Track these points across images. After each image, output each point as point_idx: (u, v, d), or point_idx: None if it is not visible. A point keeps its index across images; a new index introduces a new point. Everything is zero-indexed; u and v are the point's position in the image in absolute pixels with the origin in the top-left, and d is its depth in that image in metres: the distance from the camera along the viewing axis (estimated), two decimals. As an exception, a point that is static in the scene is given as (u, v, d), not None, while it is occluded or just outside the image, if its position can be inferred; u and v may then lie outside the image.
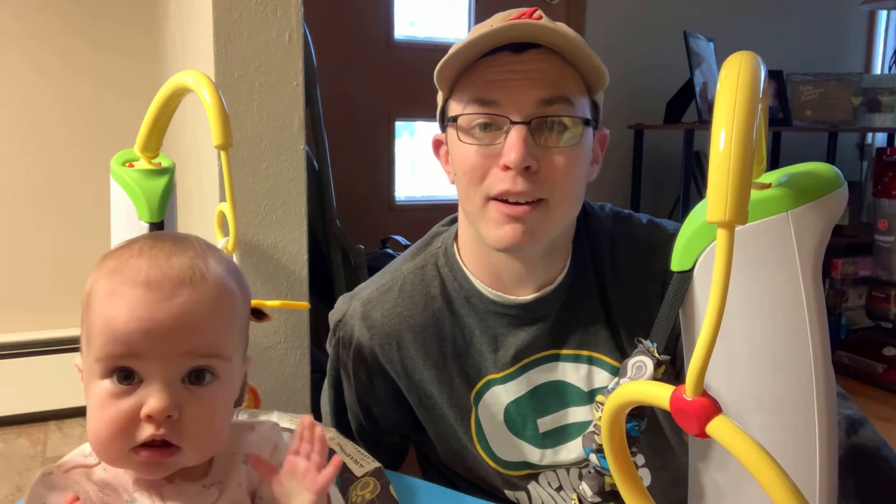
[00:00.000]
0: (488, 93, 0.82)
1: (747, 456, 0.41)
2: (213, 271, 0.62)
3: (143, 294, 0.58)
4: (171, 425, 0.58)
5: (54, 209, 2.25)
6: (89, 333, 0.60)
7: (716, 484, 0.69)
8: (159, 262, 0.60)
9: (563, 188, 0.83)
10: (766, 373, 0.64)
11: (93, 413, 0.59)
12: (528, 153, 0.80)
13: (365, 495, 0.73)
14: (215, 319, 0.61)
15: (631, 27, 3.01)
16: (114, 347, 0.58)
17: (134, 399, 0.58)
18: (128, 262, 0.60)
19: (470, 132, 0.84)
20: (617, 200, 1.01)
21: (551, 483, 0.95)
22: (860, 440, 0.85)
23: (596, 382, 0.92)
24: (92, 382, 0.59)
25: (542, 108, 0.81)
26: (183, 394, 0.59)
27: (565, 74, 0.83)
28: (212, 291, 0.61)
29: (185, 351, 0.59)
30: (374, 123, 2.67)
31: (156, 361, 0.58)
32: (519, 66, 0.82)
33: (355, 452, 0.79)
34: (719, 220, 0.45)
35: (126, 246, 0.63)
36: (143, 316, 0.57)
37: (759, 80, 0.49)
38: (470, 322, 0.94)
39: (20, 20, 2.15)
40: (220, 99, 0.90)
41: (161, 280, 0.59)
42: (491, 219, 0.84)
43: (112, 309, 0.58)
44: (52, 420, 2.10)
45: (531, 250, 0.87)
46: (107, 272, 0.61)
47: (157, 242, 0.62)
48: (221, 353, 0.61)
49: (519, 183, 0.81)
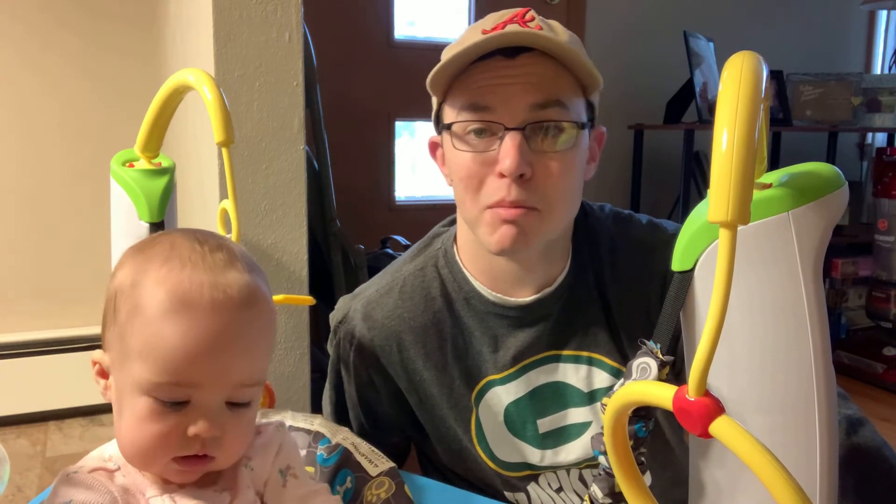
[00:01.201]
0: (481, 98, 0.82)
1: (750, 456, 0.41)
2: (263, 290, 0.62)
3: (209, 320, 0.57)
4: (213, 442, 0.59)
5: (54, 209, 2.25)
6: (137, 347, 0.58)
7: (716, 482, 0.69)
8: (218, 280, 0.59)
9: (556, 194, 0.83)
10: (766, 372, 0.64)
11: (133, 424, 0.59)
12: (522, 160, 0.80)
13: (380, 494, 0.73)
14: (266, 344, 0.63)
15: (631, 27, 3.01)
16: (170, 376, 0.57)
17: (180, 418, 0.58)
18: (182, 272, 0.58)
19: (464, 139, 0.83)
20: (617, 200, 1.01)
21: (551, 484, 0.95)
22: (860, 440, 0.85)
23: (596, 383, 0.92)
24: (132, 395, 0.59)
25: (535, 112, 0.81)
26: (227, 415, 0.60)
27: (559, 77, 0.82)
28: (264, 314, 0.62)
29: (239, 381, 0.60)
30: (374, 123, 2.67)
31: (210, 389, 0.58)
32: (512, 71, 0.81)
33: (369, 452, 0.79)
34: (721, 220, 0.45)
35: (167, 247, 0.61)
36: (207, 346, 0.57)
37: (761, 81, 0.49)
38: (470, 323, 0.94)
39: (19, 20, 2.15)
40: (221, 96, 0.90)
41: (225, 303, 0.58)
42: (487, 223, 0.84)
43: (173, 333, 0.57)
44: (52, 420, 2.10)
45: (528, 252, 0.87)
46: (156, 280, 0.58)
47: (205, 251, 0.60)
48: (263, 379, 0.63)
49: (513, 192, 0.81)
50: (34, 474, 1.79)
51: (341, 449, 0.80)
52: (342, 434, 0.82)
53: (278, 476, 0.68)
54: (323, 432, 0.83)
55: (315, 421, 0.85)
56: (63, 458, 1.89)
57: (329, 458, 0.80)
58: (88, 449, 0.63)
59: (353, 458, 0.79)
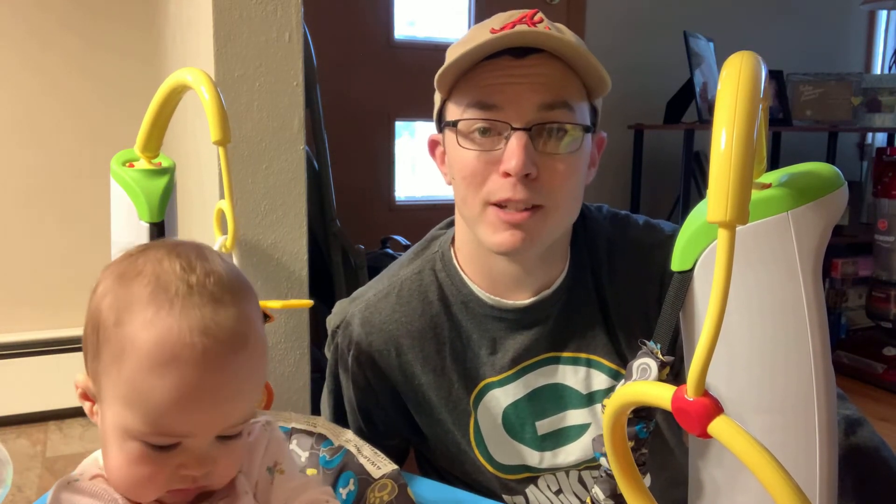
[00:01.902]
0: (489, 97, 0.82)
1: (749, 456, 0.41)
2: (251, 321, 0.59)
3: (202, 377, 0.54)
4: (205, 476, 0.59)
5: (54, 209, 2.25)
6: (125, 392, 0.56)
7: (715, 482, 0.69)
8: (207, 324, 0.55)
9: (561, 194, 0.84)
10: (766, 373, 0.64)
11: (122, 465, 0.58)
12: (528, 160, 0.80)
13: (383, 497, 0.73)
14: (256, 383, 0.60)
15: (631, 27, 3.01)
16: (161, 428, 0.55)
17: (171, 458, 0.57)
18: (170, 314, 0.54)
19: (469, 137, 0.83)
20: (617, 201, 1.01)
21: (550, 486, 0.95)
22: (859, 440, 0.85)
23: (594, 385, 0.92)
24: (120, 438, 0.57)
25: (542, 113, 0.81)
26: (218, 448, 0.59)
27: (567, 79, 0.83)
28: (255, 353, 0.59)
29: (230, 424, 0.59)
30: (374, 123, 2.67)
31: (202, 437, 0.57)
32: (520, 71, 0.81)
33: (372, 454, 0.79)
34: (720, 220, 0.45)
35: (154, 278, 0.57)
36: (201, 402, 0.55)
37: (759, 81, 0.49)
38: (468, 326, 0.93)
39: (19, 20, 2.15)
40: (217, 95, 0.90)
41: (217, 352, 0.55)
42: (489, 224, 0.84)
43: (164, 390, 0.54)
44: (52, 420, 2.10)
45: (529, 254, 0.87)
46: (143, 322, 0.55)
47: (194, 283, 0.56)
48: (255, 412, 0.62)
49: (519, 191, 0.81)
50: (34, 474, 1.79)
51: (344, 451, 0.80)
52: (345, 436, 0.82)
53: (266, 474, 0.67)
54: (325, 434, 0.83)
55: (318, 423, 0.85)
56: (63, 458, 1.89)
57: (332, 461, 0.80)
58: (89, 449, 0.62)
59: (356, 461, 0.79)
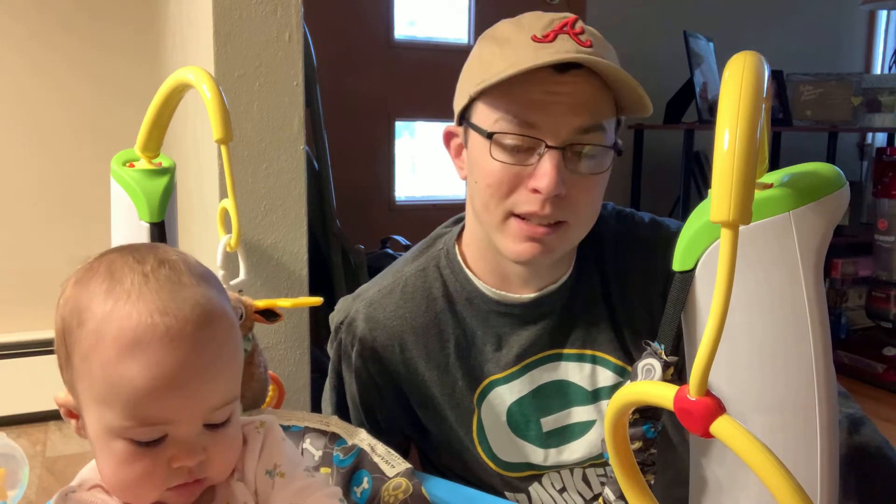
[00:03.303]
0: (528, 114, 0.81)
1: (751, 455, 0.41)
2: (216, 301, 0.58)
3: (166, 354, 0.53)
4: (199, 467, 0.58)
5: (54, 209, 2.25)
6: (98, 390, 0.55)
7: (717, 481, 0.69)
8: (167, 306, 0.55)
9: (585, 211, 0.85)
10: (767, 372, 0.64)
11: (114, 467, 0.57)
12: (560, 181, 0.80)
13: (398, 495, 0.73)
14: (231, 361, 0.59)
15: (631, 27, 3.01)
16: (141, 419, 0.54)
17: (160, 452, 0.56)
18: (127, 303, 0.55)
19: (503, 148, 0.82)
20: (617, 200, 1.01)
21: (554, 484, 0.95)
22: (861, 439, 0.85)
23: (599, 382, 0.92)
24: (106, 439, 0.56)
25: (578, 135, 0.81)
26: (207, 437, 0.58)
27: (603, 98, 0.83)
28: (223, 329, 0.58)
29: (211, 407, 0.57)
30: (374, 123, 2.67)
31: (184, 422, 0.56)
32: (561, 88, 0.80)
33: (386, 453, 0.79)
34: (723, 220, 0.45)
35: (108, 276, 0.57)
36: (174, 384, 0.54)
37: (762, 81, 0.49)
38: (472, 323, 0.94)
39: (20, 21, 2.15)
40: (219, 93, 0.90)
41: (180, 330, 0.54)
42: (510, 233, 0.84)
43: (134, 377, 0.53)
44: (52, 420, 2.10)
45: (544, 262, 0.88)
46: (103, 317, 0.55)
47: (148, 273, 0.56)
48: (237, 394, 0.60)
49: (547, 208, 0.81)
50: (34, 474, 1.79)
51: (358, 450, 0.80)
52: (359, 435, 0.82)
53: (266, 478, 0.65)
54: (339, 433, 0.83)
55: (331, 422, 0.85)
56: (63, 458, 1.89)
57: (346, 460, 0.80)
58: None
59: (370, 459, 0.79)
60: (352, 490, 0.77)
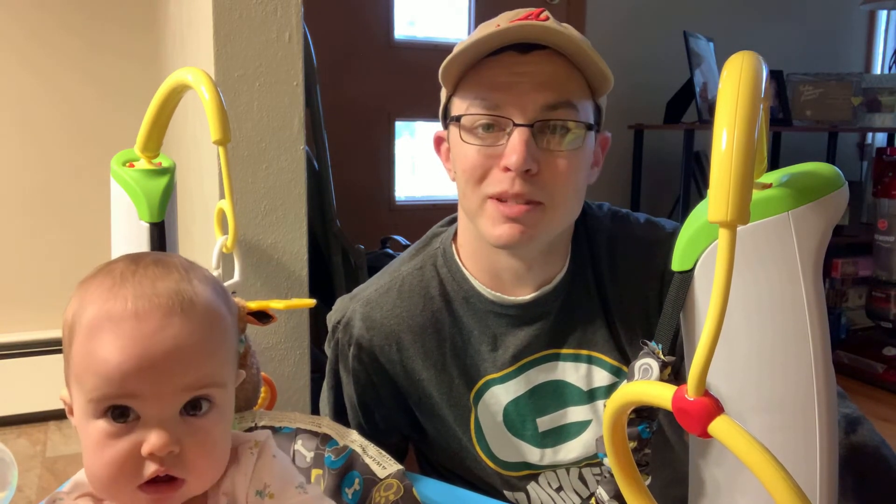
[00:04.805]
0: (493, 94, 0.82)
1: (749, 456, 0.41)
2: (202, 295, 0.60)
3: (133, 328, 0.56)
4: (173, 460, 0.57)
5: (55, 210, 2.25)
6: (77, 371, 0.58)
7: (716, 481, 0.70)
8: (145, 290, 0.57)
9: (562, 191, 0.84)
10: (766, 372, 0.64)
11: (91, 454, 0.57)
12: (529, 156, 0.80)
13: (388, 497, 0.73)
14: (209, 347, 0.59)
15: (631, 27, 3.01)
16: (107, 388, 0.55)
17: (133, 437, 0.56)
18: (110, 291, 0.57)
19: (472, 132, 0.84)
20: (617, 200, 1.01)
21: (551, 483, 0.96)
22: (859, 439, 0.85)
23: (595, 382, 0.92)
24: (86, 422, 0.57)
25: (546, 112, 0.82)
26: (182, 427, 0.57)
27: (570, 77, 0.83)
28: (203, 318, 0.59)
29: (181, 385, 0.57)
30: (374, 123, 2.67)
31: (152, 398, 0.56)
32: (524, 68, 0.82)
33: (377, 454, 0.79)
34: (721, 220, 0.45)
35: (105, 271, 0.60)
36: (134, 353, 0.55)
37: (760, 81, 0.49)
38: (469, 322, 0.94)
39: (19, 22, 2.15)
40: (217, 95, 0.90)
41: (150, 310, 0.56)
42: (489, 217, 0.84)
43: (100, 347, 0.56)
44: (52, 420, 2.10)
45: (529, 249, 0.87)
46: (89, 303, 0.58)
47: (138, 267, 0.59)
48: (217, 381, 0.60)
49: (517, 185, 0.81)
50: (34, 474, 1.79)
51: (349, 451, 0.80)
52: (350, 436, 0.82)
53: (256, 499, 0.64)
54: (330, 434, 0.83)
55: (322, 423, 0.85)
56: (63, 458, 1.89)
57: (337, 461, 0.80)
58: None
59: (362, 461, 0.79)
60: (343, 491, 0.77)
